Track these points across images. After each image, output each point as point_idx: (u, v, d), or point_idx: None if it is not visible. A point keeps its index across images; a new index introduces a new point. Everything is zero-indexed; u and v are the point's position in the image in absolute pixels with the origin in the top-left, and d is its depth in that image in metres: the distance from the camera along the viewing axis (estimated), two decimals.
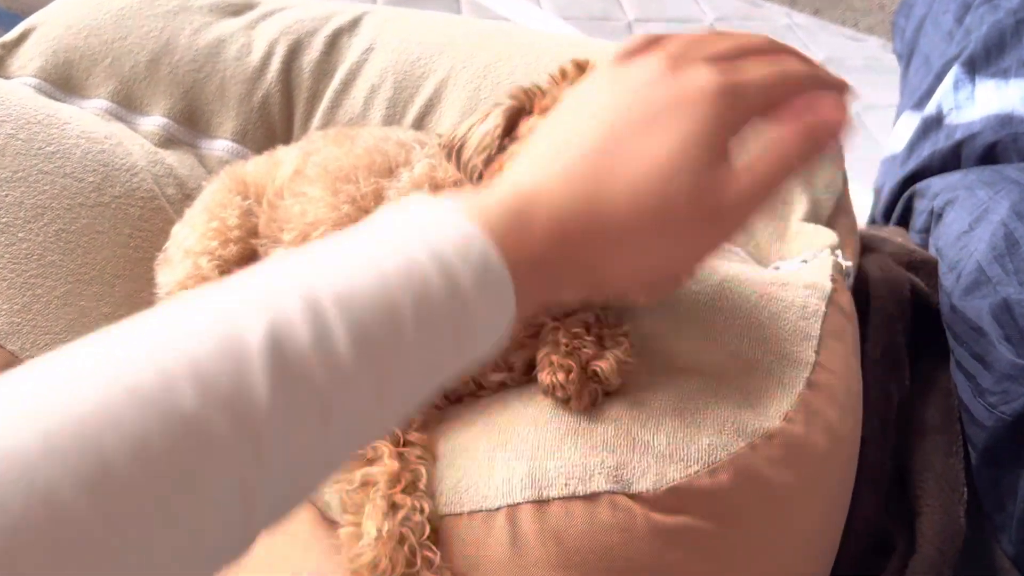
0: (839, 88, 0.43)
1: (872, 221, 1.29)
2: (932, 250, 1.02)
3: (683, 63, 0.41)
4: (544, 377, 0.60)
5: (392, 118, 0.93)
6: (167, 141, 0.95)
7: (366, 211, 0.71)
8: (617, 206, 0.39)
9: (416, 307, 0.33)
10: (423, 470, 0.58)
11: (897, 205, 1.20)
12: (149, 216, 0.82)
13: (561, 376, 0.59)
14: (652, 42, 0.43)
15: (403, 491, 0.56)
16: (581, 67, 0.64)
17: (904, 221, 1.19)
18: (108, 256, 0.77)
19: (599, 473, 0.55)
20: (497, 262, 0.36)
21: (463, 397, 0.65)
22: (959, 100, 1.21)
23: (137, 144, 0.90)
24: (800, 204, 0.80)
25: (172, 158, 0.92)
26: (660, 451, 0.55)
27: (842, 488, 0.63)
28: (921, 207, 1.12)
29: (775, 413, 0.58)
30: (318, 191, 0.72)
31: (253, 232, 0.78)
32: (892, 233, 1.13)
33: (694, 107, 0.39)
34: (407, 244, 0.35)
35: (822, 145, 0.41)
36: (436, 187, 0.69)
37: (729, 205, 0.39)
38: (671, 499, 0.53)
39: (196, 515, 0.29)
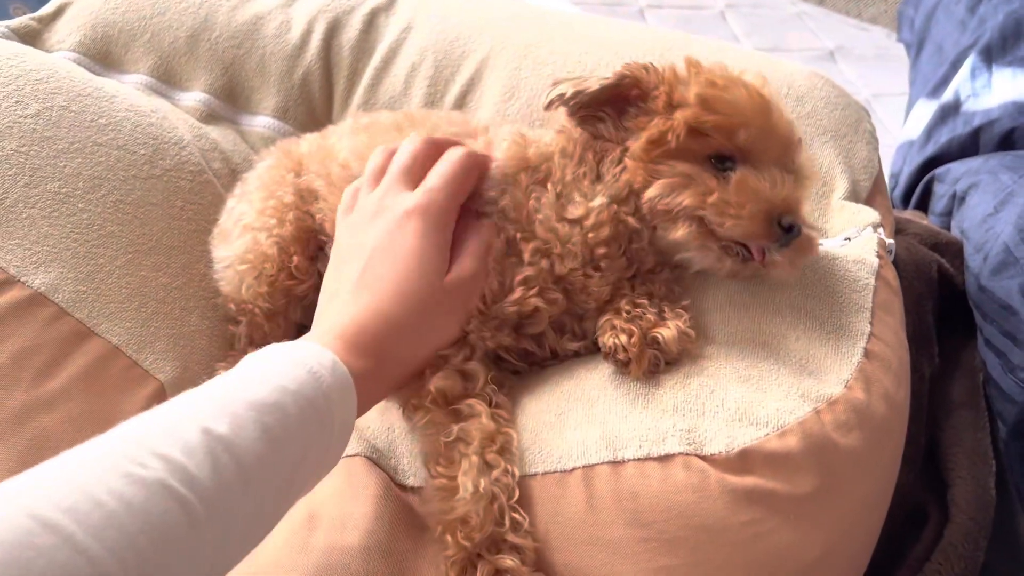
0: (485, 161, 0.66)
1: (891, 205, 1.32)
2: (956, 232, 1.04)
3: (386, 189, 0.64)
4: (606, 339, 0.61)
5: (433, 96, 0.94)
6: (208, 117, 0.95)
7: None
8: (394, 309, 0.58)
9: (299, 404, 0.48)
10: (513, 434, 0.59)
11: (916, 189, 1.22)
12: (199, 189, 0.83)
13: (623, 339, 0.60)
14: (355, 192, 0.68)
15: (497, 451, 0.57)
16: (694, 66, 0.66)
17: (923, 205, 1.22)
18: (163, 228, 0.78)
19: (672, 436, 0.56)
20: (344, 370, 0.53)
21: (535, 366, 0.66)
22: (976, 88, 1.23)
23: (181, 119, 0.90)
24: (841, 183, 0.82)
25: (215, 133, 0.93)
26: (729, 416, 0.57)
27: (896, 455, 0.65)
28: (941, 191, 1.15)
29: (836, 380, 0.60)
30: None
31: (308, 213, 0.78)
32: (913, 216, 1.15)
33: (407, 225, 0.61)
34: (289, 365, 0.50)
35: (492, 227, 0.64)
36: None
37: (464, 280, 0.61)
38: (743, 461, 0.55)
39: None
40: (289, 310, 0.75)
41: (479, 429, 0.58)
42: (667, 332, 0.60)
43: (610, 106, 0.66)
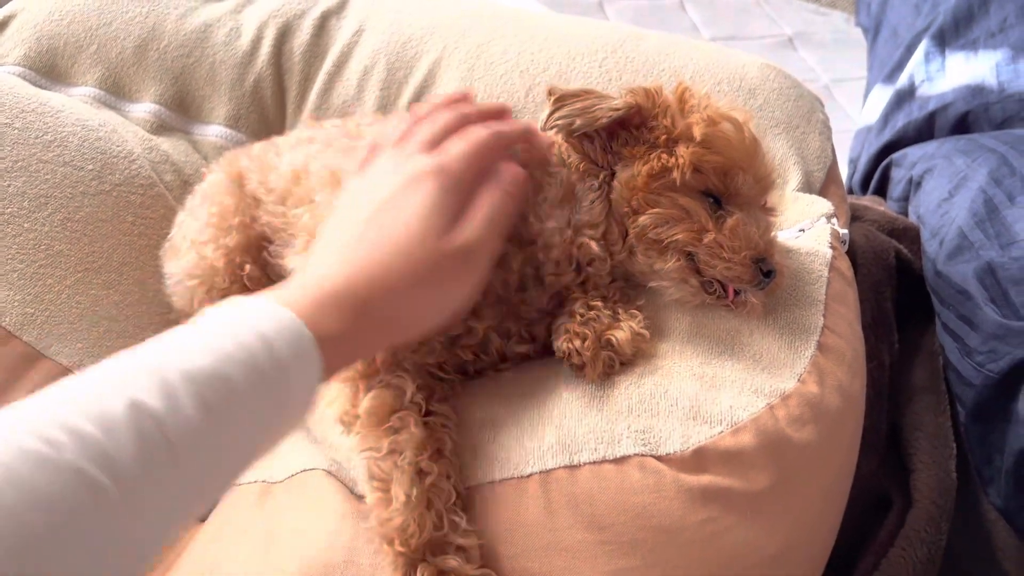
0: (520, 133, 0.64)
1: (848, 191, 1.33)
2: (913, 217, 1.05)
3: (407, 150, 0.60)
4: (561, 343, 0.61)
5: (386, 100, 0.94)
6: (159, 128, 0.94)
7: None
8: (389, 268, 0.54)
9: (246, 374, 0.44)
10: (448, 438, 0.59)
11: (875, 175, 1.23)
12: (150, 203, 0.82)
13: (577, 343, 0.60)
14: (374, 148, 0.64)
15: (429, 457, 0.58)
16: (688, 93, 0.65)
17: (881, 190, 1.23)
18: (113, 244, 0.77)
19: (627, 437, 0.56)
20: (307, 335, 0.48)
21: (485, 370, 0.66)
22: (930, 72, 1.24)
23: (130, 131, 0.89)
24: (794, 175, 0.82)
25: (167, 144, 0.92)
26: (683, 414, 0.57)
27: (852, 446, 0.66)
28: (898, 176, 1.16)
29: (790, 374, 0.60)
30: (324, 196, 0.72)
31: (254, 221, 0.77)
32: (871, 202, 1.16)
33: (420, 184, 0.57)
34: (237, 328, 0.46)
35: (512, 192, 0.60)
36: None
37: (467, 246, 0.56)
38: (697, 460, 0.56)
39: (81, 555, 0.37)
40: None
41: (409, 439, 0.58)
42: (621, 334, 0.60)
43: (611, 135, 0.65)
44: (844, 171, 1.37)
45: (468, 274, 0.57)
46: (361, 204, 0.58)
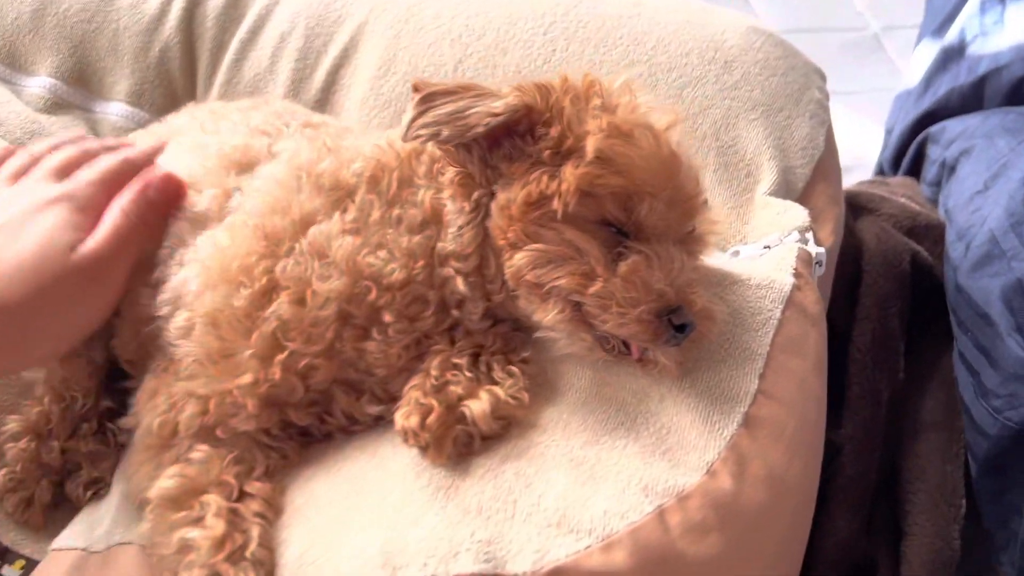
0: (145, 162, 0.61)
1: (880, 170, 1.14)
2: (941, 210, 0.88)
3: (29, 183, 0.58)
4: (398, 418, 0.49)
5: (302, 72, 0.81)
6: (55, 106, 0.84)
7: None
8: (6, 285, 0.51)
9: None
10: (255, 532, 0.48)
11: (908, 151, 1.05)
12: None
13: (415, 420, 0.48)
14: None
15: (227, 558, 0.46)
16: (594, 89, 0.51)
17: (915, 170, 1.04)
18: None
19: (467, 549, 0.44)
20: None
21: (332, 432, 0.54)
22: (986, 25, 1.04)
23: (13, 112, 0.79)
24: (768, 174, 0.67)
25: (58, 126, 0.81)
26: (545, 519, 0.44)
27: (788, 546, 0.52)
28: (934, 155, 0.97)
29: (696, 464, 0.47)
30: None
31: None
32: (900, 186, 0.98)
33: (47, 208, 0.55)
34: None
35: (152, 198, 0.58)
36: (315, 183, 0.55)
37: (95, 257, 0.54)
38: None
39: None
40: (93, 351, 0.63)
41: (205, 534, 0.47)
42: (477, 406, 0.47)
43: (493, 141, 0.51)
44: (880, 142, 1.18)
45: (100, 287, 0.56)
46: None
